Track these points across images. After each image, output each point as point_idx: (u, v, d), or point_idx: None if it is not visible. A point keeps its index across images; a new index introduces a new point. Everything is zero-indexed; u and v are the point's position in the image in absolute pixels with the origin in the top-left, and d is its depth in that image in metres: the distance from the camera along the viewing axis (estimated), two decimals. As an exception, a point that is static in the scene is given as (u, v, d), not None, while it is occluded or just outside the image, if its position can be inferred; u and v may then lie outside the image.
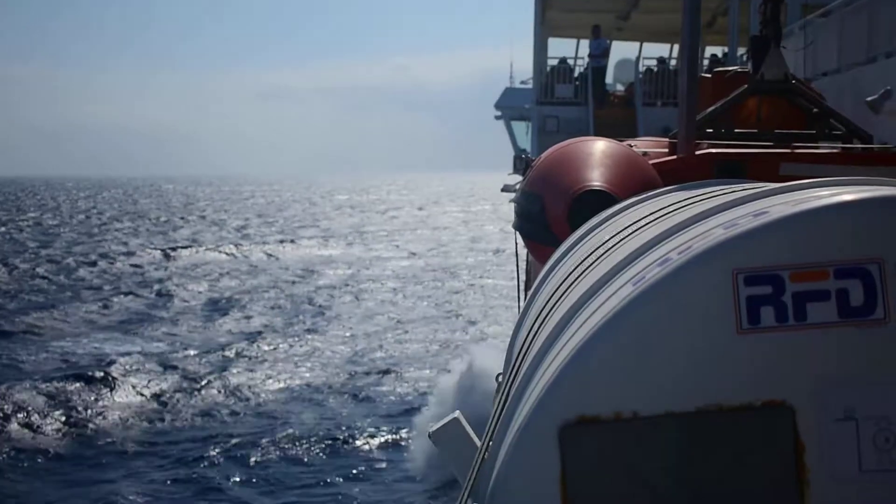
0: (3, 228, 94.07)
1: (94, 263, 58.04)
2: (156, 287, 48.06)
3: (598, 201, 6.40)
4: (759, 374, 3.00)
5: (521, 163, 36.08)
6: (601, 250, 4.27)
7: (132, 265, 58.37)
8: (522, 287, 19.96)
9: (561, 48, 34.42)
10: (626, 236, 4.23)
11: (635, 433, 3.02)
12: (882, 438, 2.95)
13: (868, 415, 2.96)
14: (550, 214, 6.96)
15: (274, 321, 38.07)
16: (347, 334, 34.58)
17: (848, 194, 3.10)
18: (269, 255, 63.85)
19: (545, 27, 32.61)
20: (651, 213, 4.51)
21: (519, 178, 35.27)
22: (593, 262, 4.13)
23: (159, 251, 65.27)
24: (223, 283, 50.15)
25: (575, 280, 4.08)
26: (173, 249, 65.99)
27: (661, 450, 3.02)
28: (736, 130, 7.93)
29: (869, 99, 15.05)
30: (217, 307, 41.61)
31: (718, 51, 33.05)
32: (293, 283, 49.62)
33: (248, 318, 38.82)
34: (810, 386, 2.99)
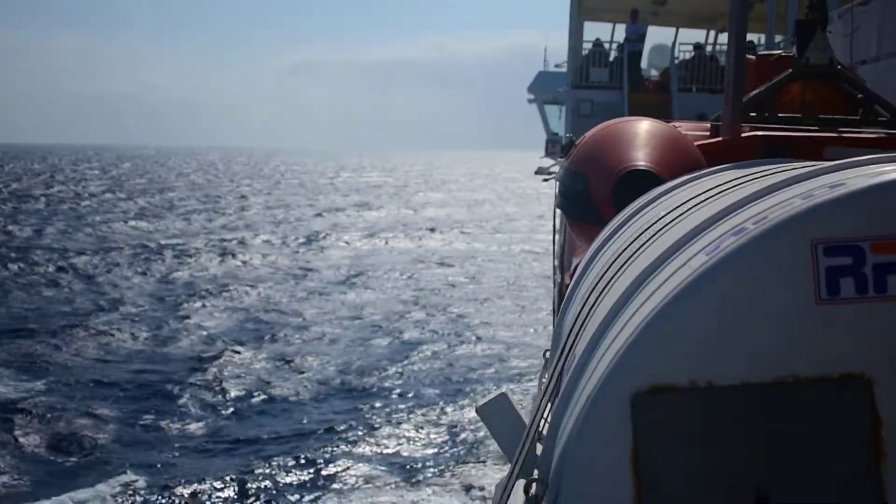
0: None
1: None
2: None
3: (643, 181, 6.35)
4: (838, 345, 2.94)
5: (555, 146, 36.06)
6: (659, 224, 4.18)
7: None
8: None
9: (596, 32, 34.27)
10: (687, 210, 4.15)
11: (710, 403, 2.96)
12: None
13: None
14: (595, 193, 6.90)
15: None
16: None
17: None
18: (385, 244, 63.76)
19: (582, 11, 32.47)
20: (708, 190, 4.42)
21: (551, 161, 35.35)
22: (653, 237, 4.05)
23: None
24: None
25: (634, 253, 4.00)
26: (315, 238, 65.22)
27: (737, 420, 2.97)
28: (780, 115, 7.91)
29: (910, 87, 15.03)
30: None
31: (755, 38, 32.80)
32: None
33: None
34: (889, 359, 2.93)
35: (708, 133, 7.81)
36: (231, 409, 24.56)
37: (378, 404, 25.02)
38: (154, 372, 27.81)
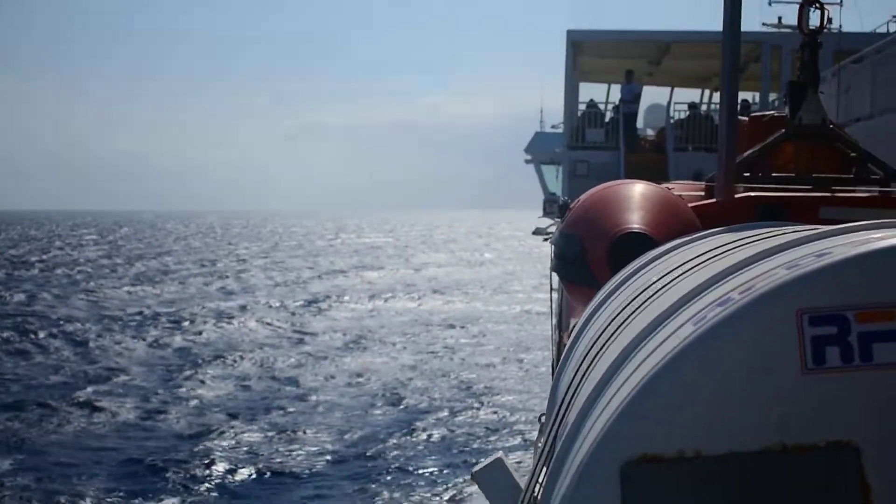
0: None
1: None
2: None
3: (638, 244, 6.39)
4: (824, 414, 2.97)
5: (553, 206, 36.26)
6: (650, 291, 4.24)
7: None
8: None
9: (592, 92, 34.52)
10: (677, 277, 4.20)
11: (699, 472, 2.99)
12: None
13: None
14: (590, 256, 6.94)
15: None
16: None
17: None
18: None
19: (577, 72, 32.67)
20: (700, 255, 4.47)
21: (549, 221, 35.49)
22: (644, 303, 4.09)
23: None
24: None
25: (626, 320, 4.03)
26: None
27: (725, 489, 2.99)
28: (774, 175, 7.95)
29: (903, 144, 15.13)
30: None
31: (749, 96, 33.02)
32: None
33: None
34: (877, 426, 2.97)
35: (703, 193, 7.83)
36: (223, 485, 23.47)
37: (377, 477, 24.51)
38: (142, 447, 26.78)
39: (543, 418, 7.22)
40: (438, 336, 48.12)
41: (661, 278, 4.37)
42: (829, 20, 8.18)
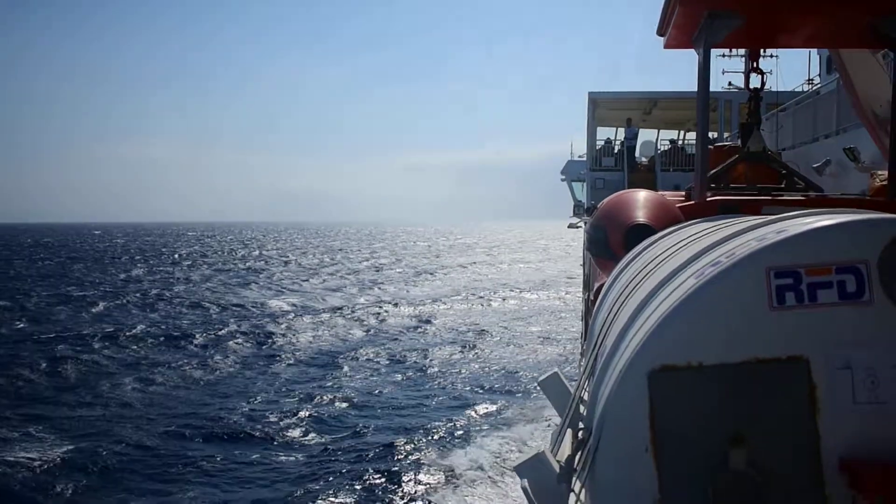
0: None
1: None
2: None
3: (643, 230, 6.37)
4: (785, 337, 2.96)
5: (579, 209, 36.16)
6: (657, 261, 4.18)
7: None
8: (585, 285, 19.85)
9: (605, 133, 34.42)
10: (674, 251, 4.13)
11: (701, 377, 2.98)
12: (869, 381, 2.93)
13: (860, 365, 2.95)
14: (611, 240, 6.91)
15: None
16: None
17: (836, 218, 3.11)
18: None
19: (595, 120, 32.59)
20: (688, 237, 4.40)
21: (577, 219, 35.27)
22: (653, 268, 4.04)
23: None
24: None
25: (641, 279, 3.99)
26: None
27: (718, 388, 2.98)
28: (731, 185, 7.91)
29: (815, 165, 14.92)
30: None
31: (712, 135, 32.61)
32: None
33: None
34: (820, 345, 2.96)
35: (683, 198, 7.79)
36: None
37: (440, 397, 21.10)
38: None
39: (584, 346, 7.20)
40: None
41: (662, 252, 4.32)
42: (765, 82, 8.09)
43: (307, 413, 20.23)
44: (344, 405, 21.20)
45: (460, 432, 18.51)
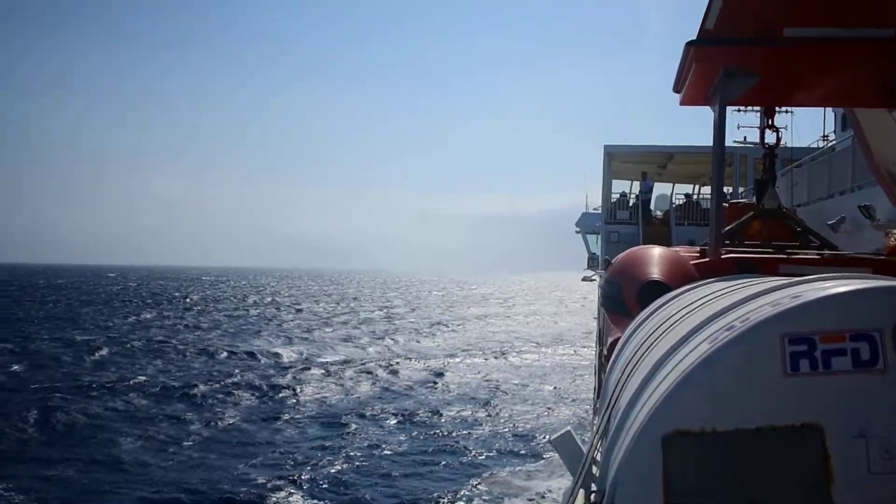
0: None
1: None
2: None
3: (657, 288, 6.34)
4: (799, 404, 2.95)
5: (594, 262, 36.15)
6: (671, 320, 4.16)
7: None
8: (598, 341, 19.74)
9: (620, 186, 34.59)
10: (689, 312, 4.11)
11: (715, 442, 2.96)
12: (884, 450, 2.91)
13: (875, 434, 2.93)
14: (626, 296, 6.88)
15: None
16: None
17: (851, 285, 3.10)
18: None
19: (611, 173, 32.77)
20: (703, 296, 4.39)
21: (591, 272, 35.25)
22: (668, 328, 4.02)
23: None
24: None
25: (657, 339, 3.97)
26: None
27: (733, 454, 2.96)
28: (746, 242, 7.91)
29: (830, 222, 14.90)
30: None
31: (727, 190, 32.66)
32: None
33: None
34: (834, 413, 2.94)
35: (698, 254, 7.79)
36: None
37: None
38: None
39: (597, 404, 7.12)
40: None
41: (678, 311, 4.30)
42: (780, 138, 8.13)
43: (307, 476, 19.18)
44: (346, 467, 20.12)
45: (468, 493, 18.05)
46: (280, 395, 29.44)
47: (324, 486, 18.31)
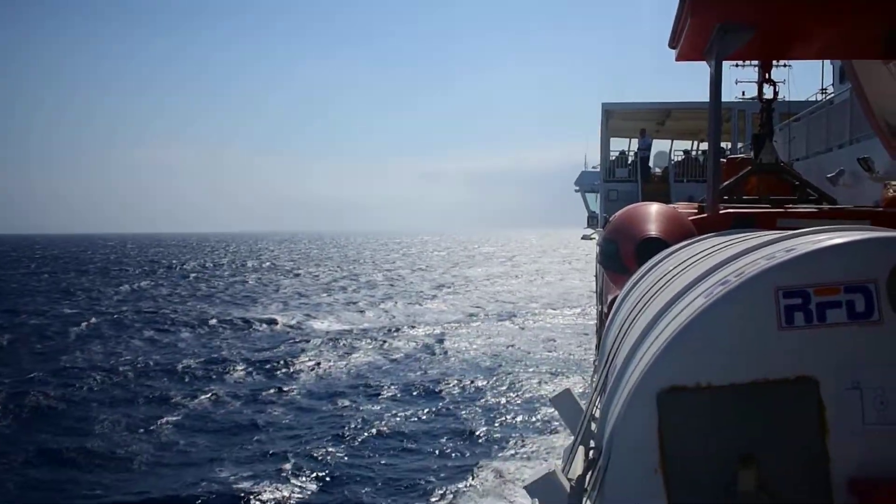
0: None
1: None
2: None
3: (655, 244, 6.35)
4: (794, 357, 2.94)
5: (593, 220, 36.14)
6: (668, 276, 4.16)
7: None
8: (598, 298, 19.76)
9: (619, 144, 34.45)
10: (685, 268, 4.11)
11: (710, 397, 2.96)
12: (879, 402, 2.91)
13: (869, 386, 2.92)
14: (623, 254, 6.91)
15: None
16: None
17: (844, 237, 3.08)
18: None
19: (609, 131, 32.60)
20: (700, 252, 4.39)
21: (591, 231, 35.26)
22: (664, 285, 4.02)
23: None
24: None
25: (653, 296, 3.97)
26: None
27: (727, 408, 2.97)
28: (744, 197, 7.89)
29: (828, 175, 14.86)
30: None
31: (725, 145, 32.53)
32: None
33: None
34: (829, 366, 2.93)
35: (696, 211, 7.77)
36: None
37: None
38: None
39: (595, 362, 7.16)
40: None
41: (674, 268, 4.30)
42: (777, 93, 8.07)
43: (307, 449, 17.87)
44: (344, 444, 18.45)
45: (470, 455, 17.43)
46: (274, 368, 27.06)
47: (320, 464, 16.92)
